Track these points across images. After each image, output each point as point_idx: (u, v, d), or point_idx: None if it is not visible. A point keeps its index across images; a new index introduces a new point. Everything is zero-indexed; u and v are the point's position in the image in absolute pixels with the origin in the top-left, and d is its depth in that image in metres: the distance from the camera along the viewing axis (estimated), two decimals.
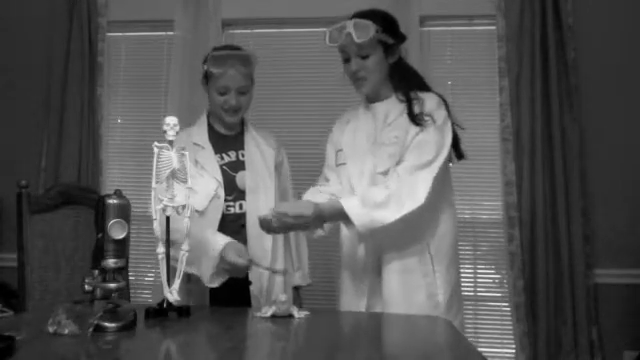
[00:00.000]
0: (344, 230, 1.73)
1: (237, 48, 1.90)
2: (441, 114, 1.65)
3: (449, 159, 1.69)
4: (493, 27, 2.78)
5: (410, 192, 1.56)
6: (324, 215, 1.59)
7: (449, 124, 1.66)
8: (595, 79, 2.72)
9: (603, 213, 2.70)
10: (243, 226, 1.81)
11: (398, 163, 1.62)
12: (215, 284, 1.68)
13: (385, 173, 1.65)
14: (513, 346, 2.69)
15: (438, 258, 1.66)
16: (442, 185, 1.65)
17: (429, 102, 1.66)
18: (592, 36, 2.74)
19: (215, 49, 1.90)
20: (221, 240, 1.66)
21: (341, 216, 1.58)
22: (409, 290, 1.63)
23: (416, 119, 1.63)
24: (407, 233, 1.63)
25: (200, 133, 1.90)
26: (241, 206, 1.83)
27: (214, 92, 1.83)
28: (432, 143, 1.61)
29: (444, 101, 1.70)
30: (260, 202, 1.82)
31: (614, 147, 2.73)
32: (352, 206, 1.56)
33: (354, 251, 1.71)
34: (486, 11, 2.80)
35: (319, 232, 1.71)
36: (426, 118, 1.63)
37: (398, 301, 1.62)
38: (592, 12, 2.74)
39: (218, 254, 1.63)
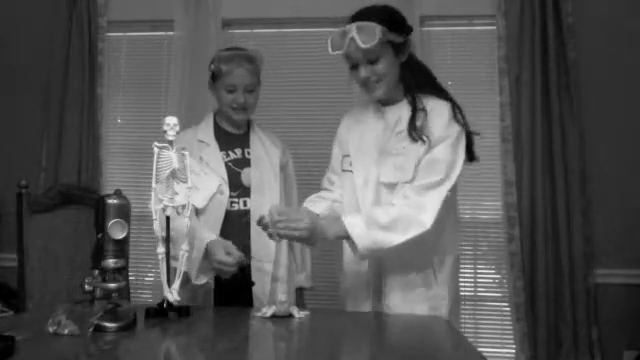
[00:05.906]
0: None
1: (243, 49, 1.92)
2: (454, 129, 1.54)
3: None
4: (493, 27, 2.78)
5: (416, 216, 1.48)
6: (319, 231, 1.49)
7: (463, 139, 1.56)
8: (595, 79, 2.72)
9: (603, 213, 2.69)
10: (248, 224, 1.81)
11: (409, 181, 1.54)
12: (200, 282, 1.67)
13: (389, 185, 1.57)
14: (513, 346, 2.69)
15: (441, 270, 1.61)
16: (451, 202, 1.58)
17: (437, 115, 1.55)
18: (592, 36, 2.74)
19: (222, 50, 1.93)
20: (206, 237, 1.65)
21: (343, 234, 1.50)
22: (411, 303, 1.57)
23: (415, 133, 1.53)
24: (411, 253, 1.55)
25: (206, 131, 1.91)
26: (245, 203, 1.83)
27: (222, 90, 1.85)
28: (443, 162, 1.52)
29: (456, 107, 1.57)
30: (265, 200, 1.81)
31: (614, 147, 2.72)
32: (357, 231, 1.48)
33: (358, 263, 1.64)
34: (486, 11, 2.80)
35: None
36: (424, 138, 1.52)
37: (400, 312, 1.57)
38: (592, 12, 2.74)
39: (203, 251, 1.62)
